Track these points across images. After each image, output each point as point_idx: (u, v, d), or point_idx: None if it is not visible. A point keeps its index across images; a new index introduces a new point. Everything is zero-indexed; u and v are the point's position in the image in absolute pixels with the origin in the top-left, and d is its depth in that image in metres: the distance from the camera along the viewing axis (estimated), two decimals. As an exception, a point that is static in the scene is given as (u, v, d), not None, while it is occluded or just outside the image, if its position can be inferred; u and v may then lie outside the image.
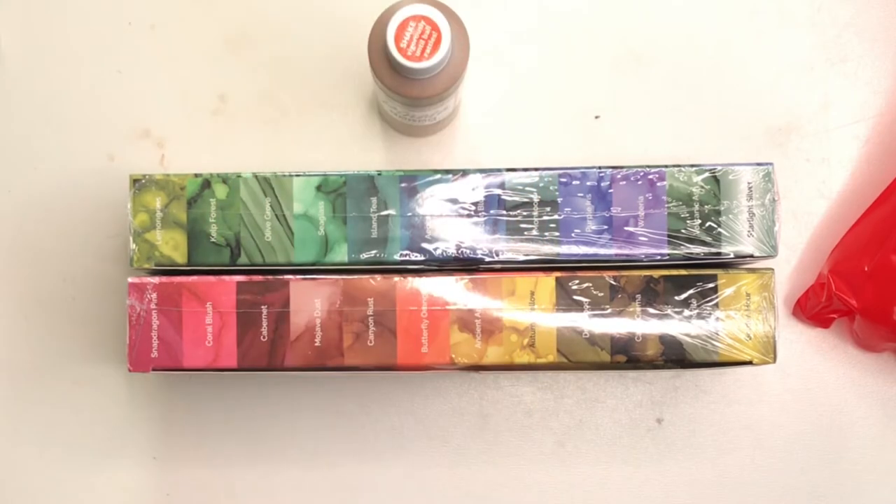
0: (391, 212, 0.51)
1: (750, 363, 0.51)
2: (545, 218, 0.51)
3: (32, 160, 0.59)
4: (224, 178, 0.51)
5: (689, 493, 0.59)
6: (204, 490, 0.58)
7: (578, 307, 0.51)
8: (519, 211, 0.51)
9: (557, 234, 0.51)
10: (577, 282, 0.51)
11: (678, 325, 0.51)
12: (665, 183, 0.51)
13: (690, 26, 0.60)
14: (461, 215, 0.51)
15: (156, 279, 0.51)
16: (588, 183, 0.51)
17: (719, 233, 0.51)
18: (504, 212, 0.51)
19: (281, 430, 0.58)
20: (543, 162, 0.53)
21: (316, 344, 0.51)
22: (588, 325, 0.51)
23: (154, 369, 0.51)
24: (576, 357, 0.51)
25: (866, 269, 0.55)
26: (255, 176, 0.51)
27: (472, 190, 0.51)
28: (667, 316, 0.51)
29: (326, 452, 0.58)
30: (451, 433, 0.59)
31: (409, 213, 0.51)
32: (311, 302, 0.51)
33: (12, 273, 0.59)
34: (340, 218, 0.51)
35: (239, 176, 0.51)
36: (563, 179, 0.51)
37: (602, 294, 0.51)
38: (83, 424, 0.58)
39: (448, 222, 0.51)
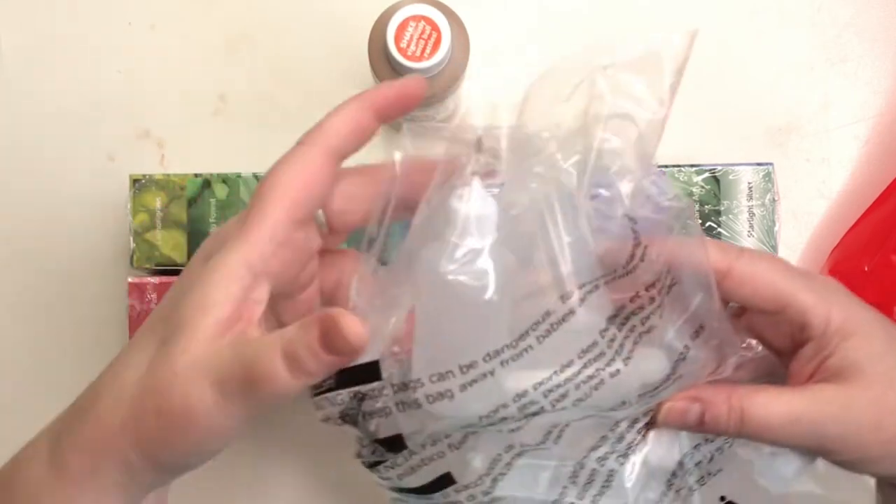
0: (391, 212, 0.51)
1: (750, 363, 0.51)
2: (545, 218, 0.51)
3: (32, 160, 0.59)
4: (224, 178, 0.51)
5: (689, 493, 0.58)
6: (204, 490, 0.58)
7: (578, 307, 0.51)
8: (519, 211, 0.51)
9: (557, 233, 0.51)
10: (577, 282, 0.51)
11: (678, 325, 0.51)
12: (665, 183, 0.51)
13: (690, 26, 0.60)
14: (461, 215, 0.51)
15: (156, 279, 0.51)
16: (588, 183, 0.51)
17: (719, 233, 0.51)
18: (504, 212, 0.51)
19: (281, 430, 0.58)
20: (543, 162, 0.53)
21: (316, 344, 0.51)
22: (588, 324, 0.51)
23: (154, 369, 0.51)
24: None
25: (866, 269, 0.55)
26: (255, 176, 0.51)
27: (472, 190, 0.51)
28: (667, 316, 0.51)
29: (326, 452, 0.58)
30: (451, 433, 0.59)
31: (409, 213, 0.51)
32: (311, 302, 0.51)
33: (12, 273, 0.59)
34: (340, 218, 0.51)
35: (239, 176, 0.51)
36: (563, 179, 0.51)
37: (602, 294, 0.51)
38: (83, 424, 0.58)
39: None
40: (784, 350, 0.42)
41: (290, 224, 0.35)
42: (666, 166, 0.51)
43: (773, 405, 0.39)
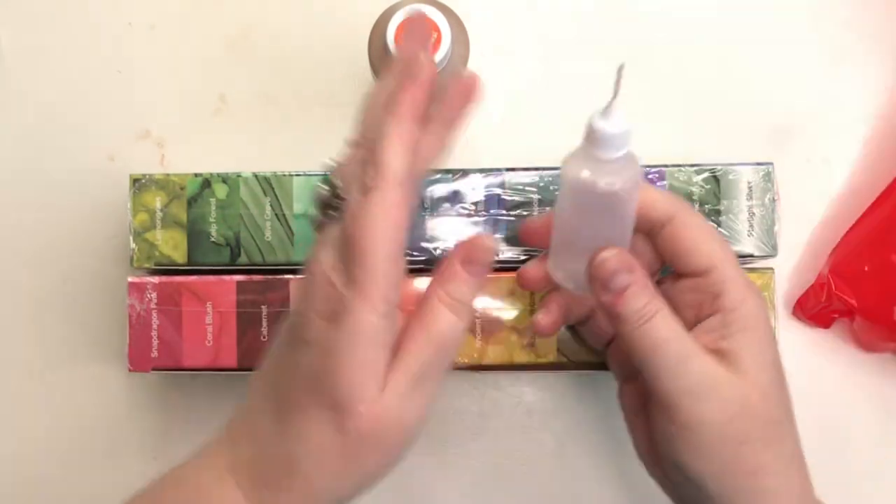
0: (391, 211, 0.51)
1: (750, 363, 0.51)
2: (545, 218, 0.51)
3: (33, 160, 0.59)
4: (224, 178, 0.51)
5: (689, 493, 0.58)
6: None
7: (578, 307, 0.51)
8: (519, 211, 0.51)
9: (557, 233, 0.51)
10: (577, 281, 0.51)
11: (678, 325, 0.51)
12: (665, 183, 0.51)
13: (691, 26, 0.60)
14: (461, 215, 0.51)
15: (156, 279, 0.51)
16: (588, 183, 0.51)
17: (719, 232, 0.51)
18: (504, 212, 0.51)
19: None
20: (543, 162, 0.53)
21: (316, 344, 0.51)
22: (588, 324, 0.51)
23: (154, 369, 0.51)
24: (576, 357, 0.51)
25: (866, 269, 0.55)
26: (255, 175, 0.51)
27: (472, 190, 0.51)
28: (667, 316, 0.51)
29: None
30: (451, 433, 0.59)
31: (409, 213, 0.51)
32: (311, 302, 0.51)
33: (12, 273, 0.59)
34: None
35: (239, 176, 0.51)
36: (563, 179, 0.51)
37: (602, 294, 0.51)
38: (83, 424, 0.58)
39: (448, 222, 0.51)
40: (687, 322, 0.43)
41: (395, 268, 0.39)
42: (666, 166, 0.52)
43: (681, 341, 0.41)
